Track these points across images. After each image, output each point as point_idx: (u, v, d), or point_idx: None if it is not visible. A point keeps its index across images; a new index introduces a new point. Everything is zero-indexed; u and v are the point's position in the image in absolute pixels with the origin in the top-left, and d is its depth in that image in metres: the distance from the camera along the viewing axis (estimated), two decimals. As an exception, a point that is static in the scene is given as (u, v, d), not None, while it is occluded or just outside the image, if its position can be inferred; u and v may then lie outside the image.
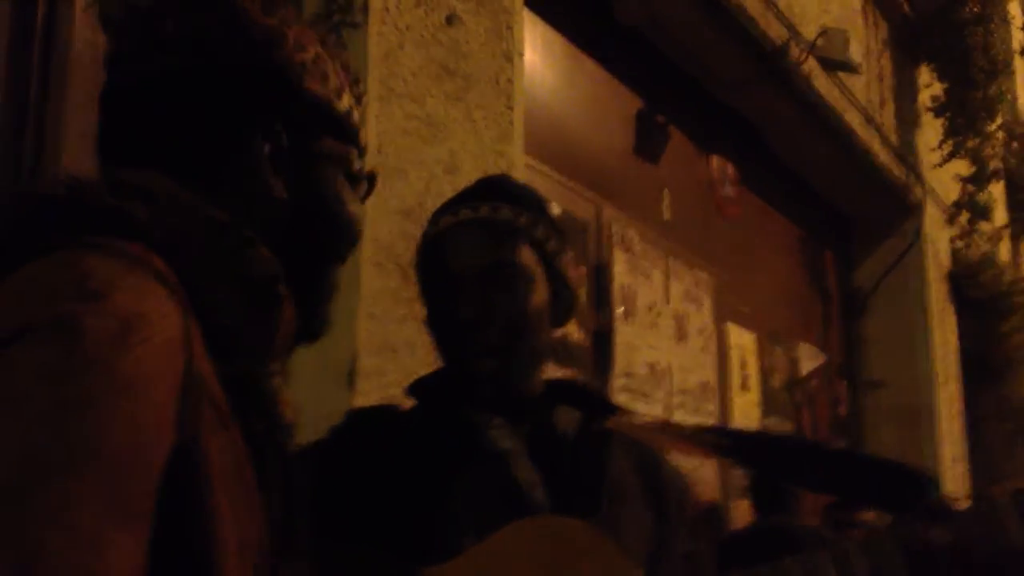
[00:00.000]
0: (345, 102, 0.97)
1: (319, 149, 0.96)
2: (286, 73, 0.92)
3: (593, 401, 1.50)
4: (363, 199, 1.02)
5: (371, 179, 1.03)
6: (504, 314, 1.37)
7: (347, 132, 0.98)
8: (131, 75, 0.91)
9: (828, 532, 3.37)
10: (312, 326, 0.98)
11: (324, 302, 0.99)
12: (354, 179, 0.99)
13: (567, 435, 1.40)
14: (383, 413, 1.49)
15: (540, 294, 1.40)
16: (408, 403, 1.51)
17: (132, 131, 0.90)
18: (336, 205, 0.97)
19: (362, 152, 1.01)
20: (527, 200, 1.45)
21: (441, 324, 1.43)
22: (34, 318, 0.69)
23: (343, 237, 0.98)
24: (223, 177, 0.90)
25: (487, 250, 1.39)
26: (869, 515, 3.43)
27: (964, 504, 1.28)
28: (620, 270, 3.77)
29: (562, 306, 1.45)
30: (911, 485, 1.38)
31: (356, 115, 1.00)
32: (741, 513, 4.37)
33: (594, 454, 1.40)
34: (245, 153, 0.91)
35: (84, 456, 0.65)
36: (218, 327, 0.80)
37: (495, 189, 1.47)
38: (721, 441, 1.43)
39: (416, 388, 1.51)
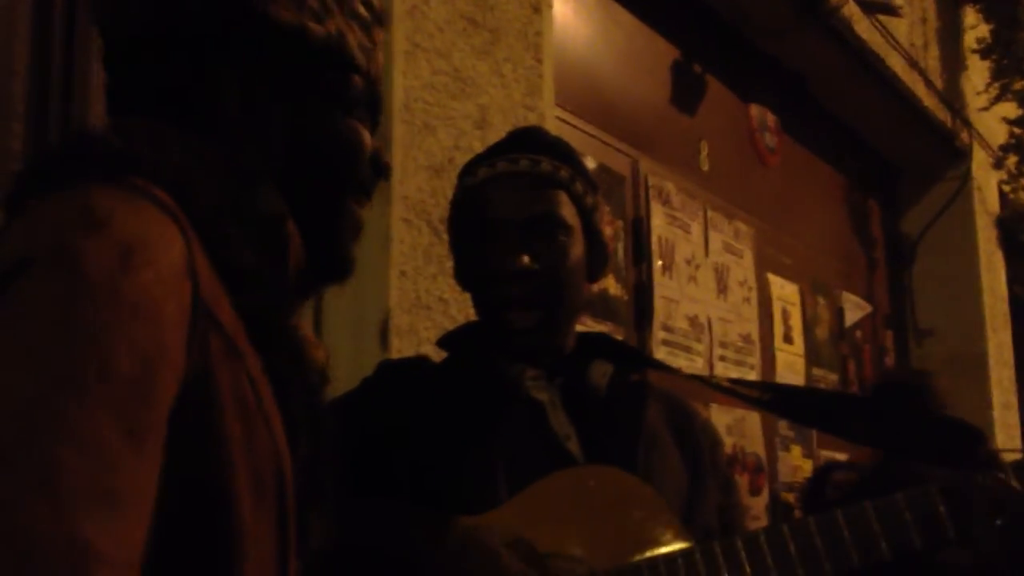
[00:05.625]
0: (330, 26, 0.91)
1: (300, 80, 0.90)
2: (247, 1, 0.88)
3: (625, 354, 1.49)
4: (372, 127, 0.96)
5: (373, 105, 0.97)
6: (545, 267, 1.36)
7: (334, 59, 0.91)
8: (118, 32, 0.91)
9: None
10: (336, 266, 0.94)
11: (345, 239, 0.94)
12: (351, 106, 0.93)
13: (600, 388, 1.40)
14: (415, 364, 1.49)
15: (578, 248, 1.40)
16: (439, 357, 1.51)
17: (132, 88, 0.90)
18: (328, 135, 0.92)
19: (366, 77, 0.94)
20: (562, 153, 1.44)
21: (479, 276, 1.42)
22: (36, 249, 0.69)
23: (346, 167, 0.93)
24: (216, 119, 0.88)
25: (529, 202, 1.38)
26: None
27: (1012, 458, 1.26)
28: (658, 223, 3.73)
29: (597, 261, 1.44)
30: (962, 439, 1.35)
31: (352, 38, 0.92)
32: (788, 464, 4.35)
33: (629, 406, 1.40)
34: (226, 93, 0.88)
35: (92, 378, 0.64)
36: (230, 261, 0.79)
37: (529, 141, 1.46)
38: (763, 395, 1.41)
39: (447, 340, 1.51)
